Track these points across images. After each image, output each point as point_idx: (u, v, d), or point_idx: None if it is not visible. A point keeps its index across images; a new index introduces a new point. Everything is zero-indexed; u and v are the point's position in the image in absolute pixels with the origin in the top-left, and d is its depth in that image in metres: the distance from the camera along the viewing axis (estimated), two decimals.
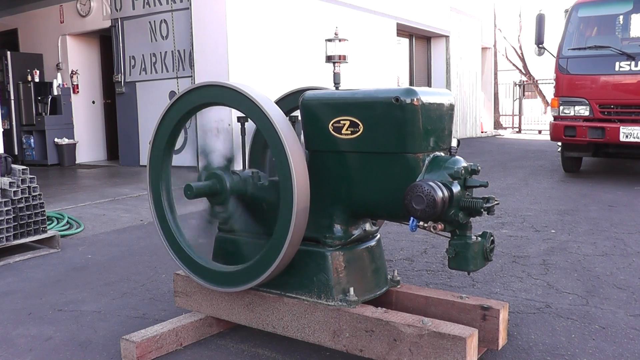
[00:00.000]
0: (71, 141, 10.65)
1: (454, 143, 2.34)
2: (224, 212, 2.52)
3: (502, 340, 2.36)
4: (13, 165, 4.42)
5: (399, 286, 2.61)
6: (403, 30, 13.92)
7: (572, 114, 7.41)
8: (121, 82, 10.20)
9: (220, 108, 2.49)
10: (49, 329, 2.87)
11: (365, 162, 2.31)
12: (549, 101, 10.15)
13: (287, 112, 2.75)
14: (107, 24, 10.33)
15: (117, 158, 10.76)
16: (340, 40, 2.57)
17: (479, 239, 2.21)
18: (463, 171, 2.18)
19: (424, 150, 2.21)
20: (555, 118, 7.65)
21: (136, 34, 9.92)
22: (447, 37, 15.47)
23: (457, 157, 2.24)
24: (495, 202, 2.13)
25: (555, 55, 7.71)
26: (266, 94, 2.31)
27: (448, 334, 2.01)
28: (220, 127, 2.70)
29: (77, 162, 10.79)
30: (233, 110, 2.38)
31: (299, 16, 9.83)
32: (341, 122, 2.31)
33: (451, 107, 2.36)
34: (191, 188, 2.40)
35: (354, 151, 2.31)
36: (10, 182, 4.25)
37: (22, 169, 4.43)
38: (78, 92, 11.11)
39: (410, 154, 2.20)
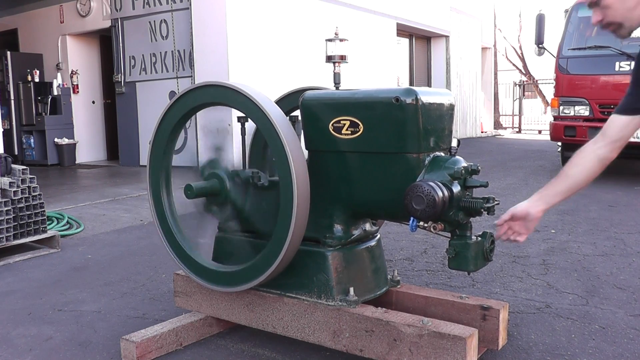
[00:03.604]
0: (71, 141, 10.65)
1: (454, 143, 2.34)
2: (223, 211, 2.52)
3: (502, 340, 2.36)
4: (13, 165, 4.42)
5: (399, 286, 2.61)
6: (403, 30, 13.91)
7: (572, 114, 7.41)
8: (121, 82, 10.20)
9: (220, 108, 2.49)
10: (49, 329, 2.87)
11: (365, 162, 2.31)
12: (549, 101, 10.15)
13: (287, 112, 2.75)
14: (107, 24, 10.33)
15: (117, 158, 10.76)
16: (340, 40, 2.57)
17: (479, 239, 2.21)
18: (463, 171, 2.17)
19: (424, 150, 2.21)
20: (555, 118, 7.65)
21: (136, 34, 9.92)
22: (447, 37, 15.47)
23: (457, 157, 2.24)
24: (496, 202, 2.13)
25: (555, 55, 7.71)
26: (266, 94, 2.31)
27: (448, 334, 2.01)
28: (220, 127, 2.70)
29: (77, 162, 10.79)
30: (233, 110, 2.38)
31: (299, 16, 9.83)
32: (341, 122, 2.31)
33: (451, 107, 2.36)
34: (191, 188, 2.40)
35: (354, 151, 2.31)
36: (10, 182, 4.25)
37: (22, 169, 4.43)
38: (78, 92, 11.11)
39: (410, 154, 2.20)
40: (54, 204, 6.10)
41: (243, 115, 2.46)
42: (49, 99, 10.51)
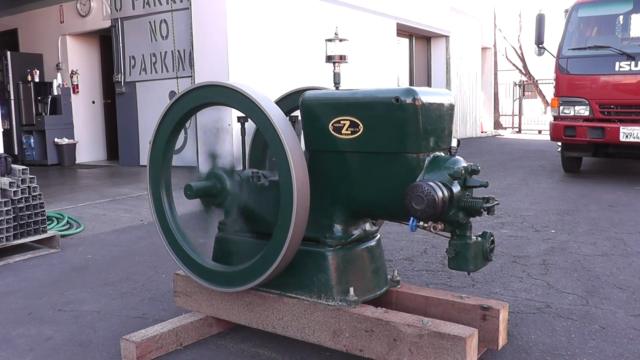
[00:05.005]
0: (71, 141, 10.65)
1: (454, 143, 2.35)
2: (223, 211, 2.52)
3: (502, 340, 2.36)
4: (13, 165, 4.42)
5: (399, 286, 2.61)
6: (403, 30, 13.91)
7: (572, 114, 7.41)
8: (121, 82, 10.20)
9: (220, 108, 2.49)
10: (49, 329, 2.87)
11: (365, 162, 2.31)
12: (549, 101, 10.15)
13: (287, 112, 2.75)
14: (107, 24, 10.33)
15: (117, 158, 10.76)
16: (340, 40, 2.57)
17: (479, 239, 2.21)
18: (463, 171, 2.18)
19: (424, 150, 2.21)
20: (555, 118, 7.65)
21: (136, 34, 9.92)
22: (447, 37, 15.47)
23: (457, 157, 2.25)
24: (495, 202, 2.13)
25: (555, 55, 7.71)
26: (266, 94, 2.31)
27: (448, 334, 2.01)
28: (220, 127, 2.70)
29: (77, 162, 10.79)
30: (233, 110, 2.38)
31: (299, 16, 9.83)
32: (341, 122, 2.31)
33: (451, 107, 2.36)
34: (191, 188, 2.40)
35: (354, 151, 2.31)
36: (10, 182, 4.25)
37: (22, 169, 4.43)
38: (78, 92, 11.11)
39: (410, 154, 2.20)
40: (54, 204, 6.10)
41: (243, 115, 2.46)
42: (49, 99, 10.52)
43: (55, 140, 10.48)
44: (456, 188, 2.14)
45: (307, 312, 2.34)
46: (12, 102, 10.84)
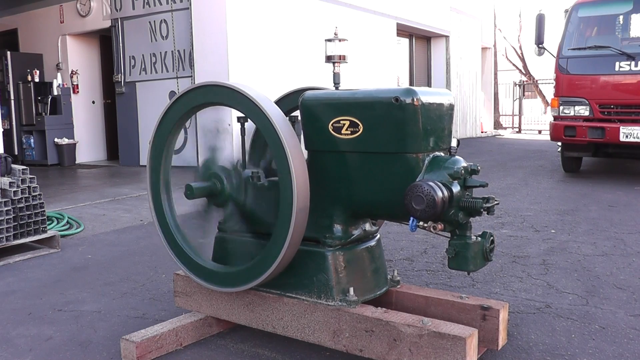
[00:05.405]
0: (71, 141, 10.65)
1: (453, 143, 2.34)
2: (223, 211, 2.52)
3: (502, 340, 2.36)
4: (13, 165, 4.42)
5: (399, 286, 2.61)
6: (403, 30, 13.91)
7: (572, 114, 7.41)
8: (121, 82, 10.21)
9: (220, 108, 2.49)
10: (49, 329, 2.87)
11: (365, 162, 2.31)
12: (549, 101, 10.15)
13: (287, 112, 2.75)
14: (107, 24, 10.34)
15: (117, 158, 10.76)
16: (340, 40, 2.57)
17: (479, 239, 2.21)
18: (463, 171, 2.18)
19: (423, 150, 2.21)
20: (555, 118, 7.65)
21: (136, 34, 9.93)
22: (447, 37, 15.47)
23: (457, 157, 2.24)
24: (495, 202, 2.13)
25: (555, 55, 7.72)
26: (266, 94, 2.31)
27: (448, 334, 2.01)
28: (220, 127, 2.70)
29: (77, 162, 10.80)
30: (233, 110, 2.38)
31: (299, 16, 9.83)
32: (341, 122, 2.31)
33: (451, 107, 2.36)
34: (191, 188, 2.40)
35: (354, 151, 2.31)
36: (10, 182, 4.25)
37: (22, 169, 4.43)
38: (78, 92, 11.12)
39: (410, 154, 2.20)
40: (54, 204, 6.10)
41: (243, 115, 2.46)
42: (49, 99, 10.52)
43: (55, 140, 10.48)
44: (456, 188, 2.14)
45: (307, 312, 2.34)
46: (12, 102, 10.85)
